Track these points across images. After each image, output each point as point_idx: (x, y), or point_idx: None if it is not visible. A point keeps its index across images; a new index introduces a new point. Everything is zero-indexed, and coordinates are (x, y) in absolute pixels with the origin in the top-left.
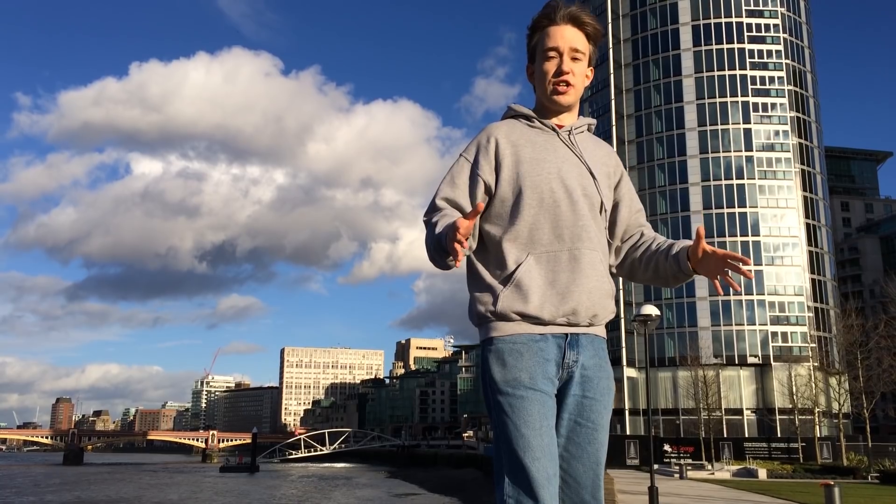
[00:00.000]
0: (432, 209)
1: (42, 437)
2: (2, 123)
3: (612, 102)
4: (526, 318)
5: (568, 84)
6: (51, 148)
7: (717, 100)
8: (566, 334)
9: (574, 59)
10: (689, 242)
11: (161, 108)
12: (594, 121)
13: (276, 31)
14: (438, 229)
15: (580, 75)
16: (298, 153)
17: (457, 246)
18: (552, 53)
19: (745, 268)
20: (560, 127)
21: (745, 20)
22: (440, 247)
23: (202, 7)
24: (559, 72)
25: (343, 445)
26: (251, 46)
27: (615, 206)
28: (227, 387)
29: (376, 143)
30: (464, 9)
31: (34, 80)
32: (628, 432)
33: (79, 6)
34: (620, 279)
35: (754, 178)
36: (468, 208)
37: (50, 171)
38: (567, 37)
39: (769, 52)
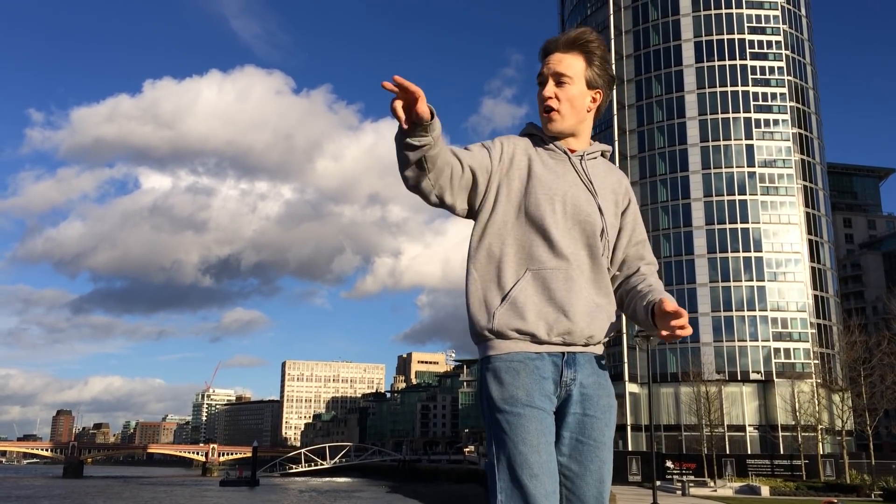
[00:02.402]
0: None
1: (42, 449)
2: (14, 139)
3: (615, 118)
4: (522, 334)
5: (551, 109)
6: (61, 163)
7: (720, 116)
8: (563, 353)
9: (559, 83)
10: (663, 297)
11: (173, 125)
12: (609, 147)
13: (287, 52)
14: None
15: (568, 99)
16: (307, 169)
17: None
18: (539, 81)
19: (679, 331)
20: (572, 152)
21: (748, 37)
22: (399, 141)
23: (215, 28)
24: (540, 97)
25: (344, 460)
26: (263, 66)
27: (617, 235)
28: (227, 400)
29: (384, 159)
30: (472, 31)
31: (48, 96)
32: (630, 448)
33: (94, 25)
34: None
35: (756, 194)
36: (465, 161)
37: (59, 186)
38: (552, 62)
39: (771, 69)
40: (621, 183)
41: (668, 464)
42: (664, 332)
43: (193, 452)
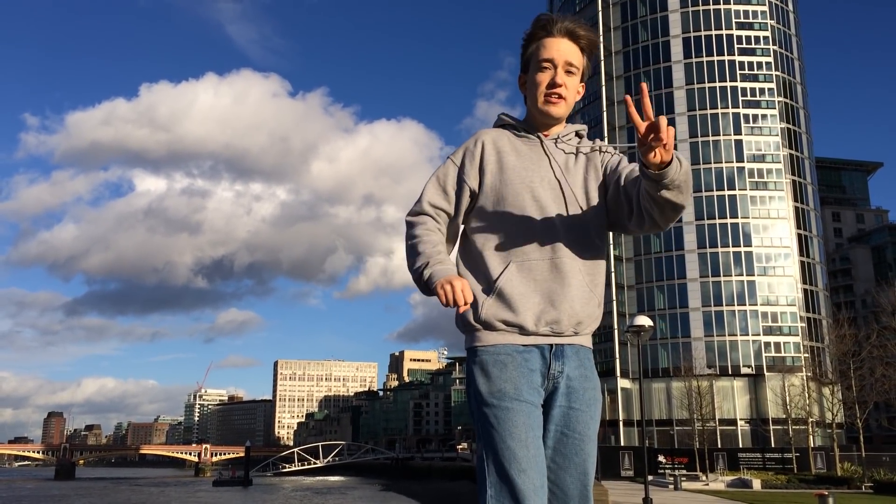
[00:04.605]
0: (418, 213)
1: (33, 451)
2: (9, 144)
3: (604, 114)
4: (510, 326)
5: (560, 96)
6: (56, 167)
7: (709, 111)
8: (551, 345)
9: (568, 72)
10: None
11: (170, 128)
12: (584, 126)
13: (283, 56)
14: (423, 265)
15: (572, 89)
16: (302, 171)
17: (461, 307)
18: (546, 65)
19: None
20: (546, 136)
21: (736, 32)
22: (424, 286)
23: (211, 33)
24: (552, 83)
25: (337, 458)
26: (259, 70)
27: (611, 176)
28: (220, 400)
29: (379, 161)
30: (465, 34)
31: (43, 101)
32: (622, 443)
33: (90, 30)
34: (613, 290)
35: (746, 189)
36: (454, 213)
37: (53, 189)
38: (563, 50)
39: (759, 65)
40: (595, 145)
41: (660, 458)
42: (651, 149)
43: (186, 453)
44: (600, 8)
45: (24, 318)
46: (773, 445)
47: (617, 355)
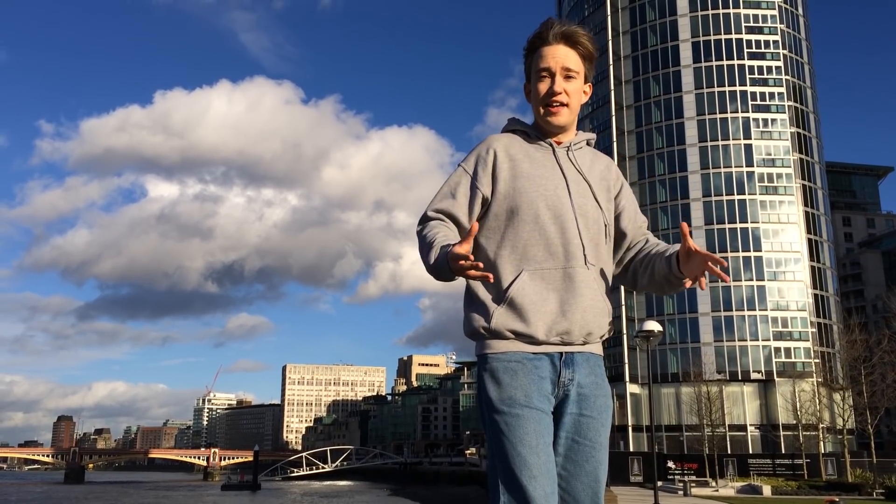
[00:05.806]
0: (424, 220)
1: (43, 455)
2: (25, 150)
3: (613, 119)
4: (520, 336)
5: (561, 104)
6: (70, 173)
7: (718, 115)
8: (561, 353)
9: (567, 77)
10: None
11: (183, 135)
12: (594, 135)
13: (296, 64)
14: (433, 253)
15: (574, 94)
16: (313, 177)
17: (472, 273)
18: (544, 74)
19: (720, 270)
20: (558, 143)
21: (745, 37)
22: (441, 268)
23: (224, 41)
24: (551, 92)
25: (345, 463)
26: (272, 77)
27: (617, 218)
28: (228, 404)
29: (390, 168)
30: (477, 42)
31: (58, 108)
32: (631, 449)
33: (105, 38)
34: (622, 294)
35: (755, 194)
36: (465, 220)
37: (66, 195)
38: (559, 56)
39: (769, 69)
40: (610, 168)
41: (670, 464)
42: (697, 275)
43: (195, 457)
44: (609, 13)
45: (37, 322)
46: (783, 451)
47: (626, 360)
